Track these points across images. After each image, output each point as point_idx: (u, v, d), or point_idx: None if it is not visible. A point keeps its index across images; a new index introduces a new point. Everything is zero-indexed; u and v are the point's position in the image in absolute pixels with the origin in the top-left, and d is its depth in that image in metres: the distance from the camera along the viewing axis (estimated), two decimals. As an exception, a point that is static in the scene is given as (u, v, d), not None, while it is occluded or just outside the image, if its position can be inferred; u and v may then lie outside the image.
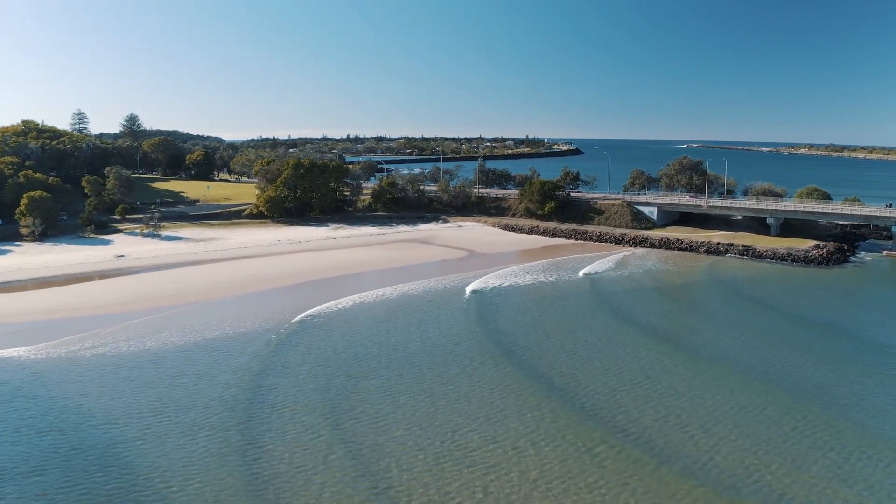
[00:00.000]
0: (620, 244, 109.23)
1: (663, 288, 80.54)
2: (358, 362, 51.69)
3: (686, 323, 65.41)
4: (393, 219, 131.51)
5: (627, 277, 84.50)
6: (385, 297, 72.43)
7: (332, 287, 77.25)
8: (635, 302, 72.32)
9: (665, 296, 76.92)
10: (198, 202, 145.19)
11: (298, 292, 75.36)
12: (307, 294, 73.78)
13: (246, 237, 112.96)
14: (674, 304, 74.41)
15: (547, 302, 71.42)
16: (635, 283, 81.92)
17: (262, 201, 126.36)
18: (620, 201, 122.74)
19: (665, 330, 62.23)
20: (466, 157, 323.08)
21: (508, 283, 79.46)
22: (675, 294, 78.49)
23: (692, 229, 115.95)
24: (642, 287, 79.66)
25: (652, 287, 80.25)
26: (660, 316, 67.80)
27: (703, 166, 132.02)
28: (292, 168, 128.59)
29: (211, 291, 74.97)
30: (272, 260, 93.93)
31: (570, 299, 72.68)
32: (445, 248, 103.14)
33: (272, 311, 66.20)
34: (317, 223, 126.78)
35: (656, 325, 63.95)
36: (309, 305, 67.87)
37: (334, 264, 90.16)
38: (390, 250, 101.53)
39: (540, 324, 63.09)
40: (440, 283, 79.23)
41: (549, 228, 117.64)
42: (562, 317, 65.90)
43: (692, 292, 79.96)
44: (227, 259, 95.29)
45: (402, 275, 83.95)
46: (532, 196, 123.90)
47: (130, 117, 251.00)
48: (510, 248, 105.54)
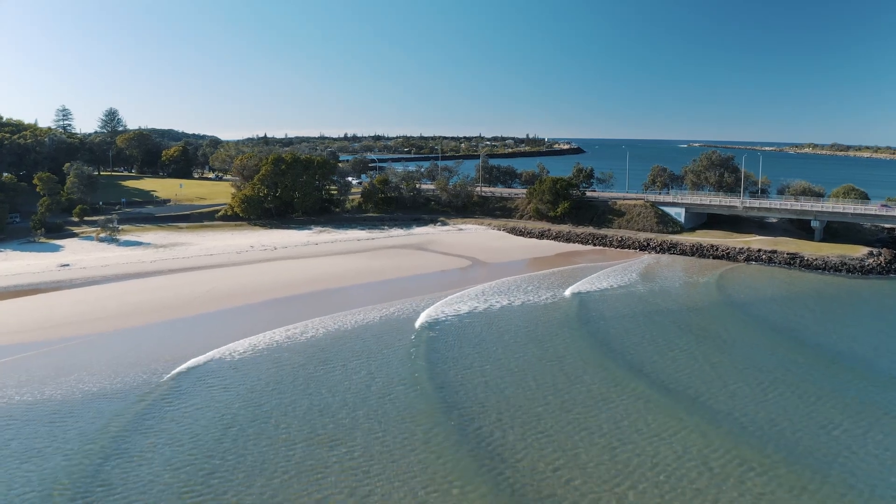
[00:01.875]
0: (646, 251, 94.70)
1: (719, 314, 65.36)
2: (254, 443, 35.57)
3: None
4: (385, 221, 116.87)
5: (679, 295, 69.98)
6: (363, 322, 57.85)
7: (292, 309, 62.60)
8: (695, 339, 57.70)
9: (726, 327, 60.60)
10: (168, 202, 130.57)
11: (244, 317, 60.43)
12: (253, 319, 59.07)
13: (215, 242, 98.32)
14: (745, 342, 56.63)
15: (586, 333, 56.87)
16: (686, 303, 67.38)
17: (237, 201, 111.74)
18: (643, 202, 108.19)
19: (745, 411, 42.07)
20: (466, 155, 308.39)
21: (520, 301, 64.97)
22: (742, 326, 60.55)
23: (725, 233, 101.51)
24: (700, 308, 65.12)
25: (708, 311, 65.47)
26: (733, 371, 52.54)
27: (734, 162, 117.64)
28: (272, 164, 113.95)
29: (138, 314, 60.24)
30: (237, 271, 79.26)
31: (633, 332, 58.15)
32: (444, 256, 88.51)
33: (182, 348, 50.97)
34: (299, 226, 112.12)
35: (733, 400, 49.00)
36: (239, 335, 53.80)
37: (308, 277, 75.41)
38: (380, 258, 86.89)
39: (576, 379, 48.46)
40: (436, 302, 64.57)
41: (563, 232, 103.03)
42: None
43: (757, 324, 60.10)
44: (186, 270, 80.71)
45: (391, 290, 69.26)
46: (543, 195, 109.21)
47: (109, 112, 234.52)
48: (519, 255, 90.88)
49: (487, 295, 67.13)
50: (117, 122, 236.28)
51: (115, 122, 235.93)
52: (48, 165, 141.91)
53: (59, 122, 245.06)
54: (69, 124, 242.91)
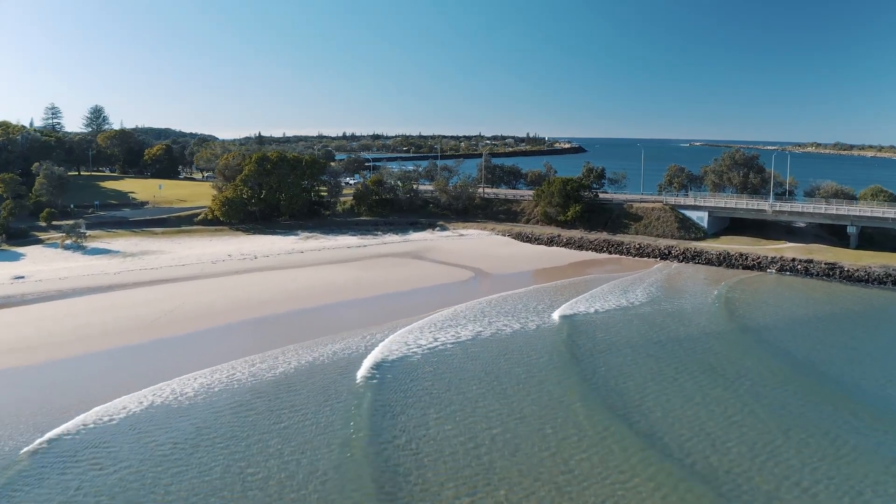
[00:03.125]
0: (667, 259, 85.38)
1: (751, 347, 55.91)
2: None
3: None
4: (379, 225, 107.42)
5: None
6: (334, 355, 48.28)
7: (260, 334, 53.19)
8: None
9: (759, 371, 50.55)
10: (146, 205, 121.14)
11: (200, 346, 51.03)
12: (209, 349, 49.56)
13: (190, 250, 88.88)
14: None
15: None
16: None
17: (217, 204, 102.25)
18: (661, 204, 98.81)
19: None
20: (466, 154, 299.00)
21: (534, 324, 55.47)
22: (778, 367, 50.18)
23: (753, 240, 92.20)
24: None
25: (738, 343, 56.00)
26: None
27: (758, 161, 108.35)
28: (255, 163, 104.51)
29: (80, 341, 50.56)
30: (209, 285, 69.83)
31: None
32: (443, 267, 79.12)
33: (100, 390, 41.26)
34: (284, 231, 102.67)
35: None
36: (184, 368, 44.48)
37: (288, 292, 65.90)
38: (371, 269, 77.49)
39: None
40: (426, 326, 55.11)
41: (574, 238, 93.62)
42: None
43: (800, 367, 47.24)
44: (153, 283, 71.34)
45: (379, 310, 59.66)
46: (552, 198, 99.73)
47: (95, 110, 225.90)
48: (527, 265, 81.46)
49: (491, 316, 57.67)
50: (103, 119, 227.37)
51: (100, 119, 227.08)
52: (21, 165, 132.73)
53: (48, 120, 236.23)
54: (59, 122, 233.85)
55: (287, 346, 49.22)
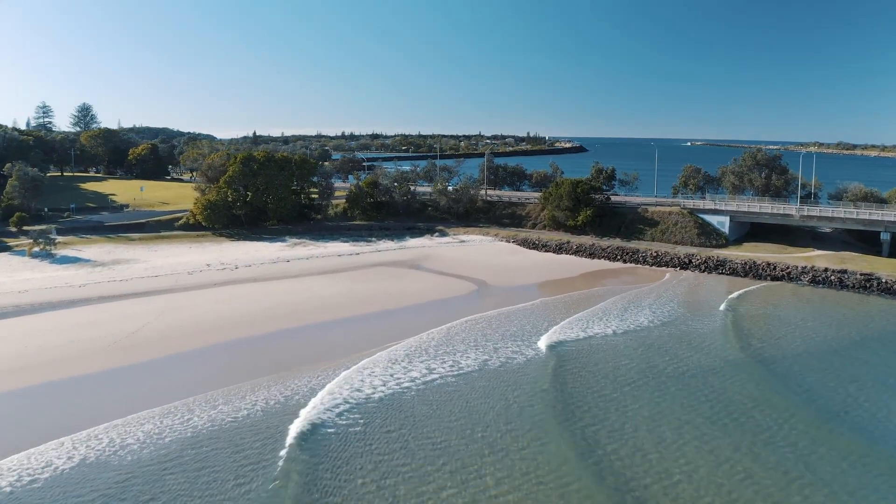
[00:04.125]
0: (687, 269, 78.07)
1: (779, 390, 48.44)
2: None
3: None
4: (374, 230, 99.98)
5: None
6: (296, 398, 40.93)
7: (225, 365, 45.97)
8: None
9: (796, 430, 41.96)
10: (126, 208, 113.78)
11: (150, 379, 43.84)
12: (158, 384, 42.34)
13: (166, 258, 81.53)
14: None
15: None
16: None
17: (199, 207, 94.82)
18: (679, 208, 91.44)
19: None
20: (467, 154, 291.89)
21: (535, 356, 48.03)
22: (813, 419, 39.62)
23: (779, 247, 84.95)
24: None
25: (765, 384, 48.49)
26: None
27: (781, 161, 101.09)
28: (240, 163, 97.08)
29: (14, 373, 43.34)
30: (182, 300, 62.42)
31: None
32: (443, 278, 71.79)
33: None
34: (271, 237, 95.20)
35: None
36: (114, 413, 37.04)
37: (267, 310, 58.37)
38: (363, 281, 70.14)
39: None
40: (417, 353, 47.74)
41: (585, 245, 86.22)
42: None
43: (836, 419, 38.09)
44: (121, 297, 64.06)
45: (368, 333, 52.25)
46: (560, 201, 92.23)
47: (83, 108, 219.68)
48: (536, 275, 74.01)
49: (496, 341, 50.31)
50: (91, 118, 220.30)
51: (88, 118, 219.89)
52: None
53: (39, 119, 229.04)
54: (50, 122, 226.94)
55: (258, 380, 41.95)
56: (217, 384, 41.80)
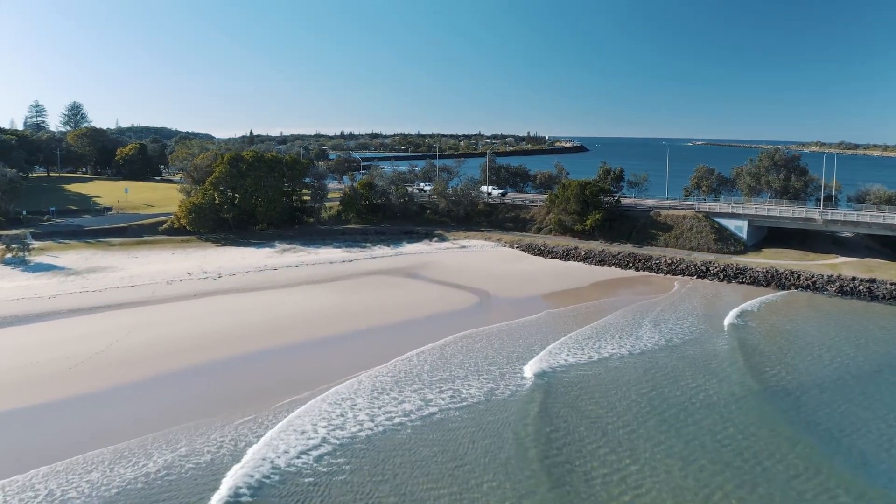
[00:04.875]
0: (704, 277, 72.63)
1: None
2: None
3: None
4: (369, 235, 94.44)
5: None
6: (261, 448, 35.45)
7: (188, 395, 40.55)
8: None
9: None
10: (110, 210, 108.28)
11: (99, 413, 38.44)
12: (105, 421, 36.88)
13: (146, 266, 76.06)
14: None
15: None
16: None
17: (184, 211, 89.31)
18: (693, 212, 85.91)
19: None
20: (467, 153, 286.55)
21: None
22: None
23: (800, 253, 79.55)
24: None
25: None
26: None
27: (800, 162, 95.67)
28: (227, 163, 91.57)
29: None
30: (156, 314, 56.91)
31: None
32: (442, 288, 66.32)
33: None
34: (260, 242, 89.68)
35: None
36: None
37: (246, 325, 52.82)
38: (355, 291, 64.67)
39: None
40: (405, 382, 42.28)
41: (594, 252, 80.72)
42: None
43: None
44: (92, 310, 58.69)
45: (355, 356, 46.72)
46: (567, 204, 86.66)
47: (73, 106, 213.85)
48: (543, 285, 68.41)
49: (500, 364, 44.79)
50: (81, 117, 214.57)
51: (78, 117, 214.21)
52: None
53: (32, 118, 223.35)
54: (43, 121, 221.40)
55: (227, 414, 36.44)
56: (183, 417, 36.42)
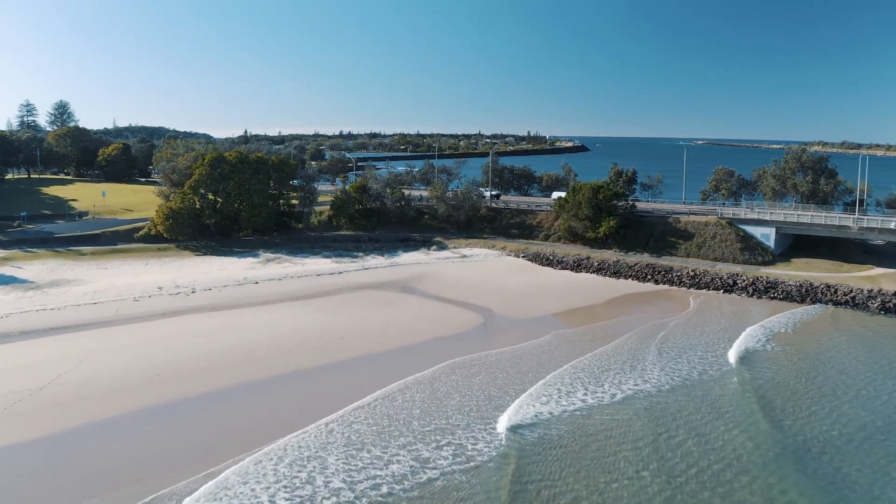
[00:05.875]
0: (732, 291, 65.50)
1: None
2: None
3: None
4: (362, 243, 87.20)
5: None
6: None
7: (134, 449, 33.45)
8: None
9: None
10: (85, 215, 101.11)
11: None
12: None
13: (116, 278, 68.91)
14: None
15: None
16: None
17: (161, 216, 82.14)
18: (716, 218, 78.75)
19: None
20: (467, 153, 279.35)
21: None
22: None
23: (832, 263, 72.41)
24: None
25: None
26: None
27: (827, 164, 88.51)
28: (208, 165, 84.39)
29: None
30: (116, 338, 49.76)
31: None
32: (441, 306, 59.16)
33: None
34: (243, 251, 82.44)
35: None
36: None
37: (214, 354, 45.53)
38: (343, 310, 57.46)
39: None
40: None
41: (608, 262, 73.54)
42: None
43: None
44: (45, 332, 51.88)
45: (329, 396, 39.54)
46: (578, 209, 79.46)
47: (59, 105, 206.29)
48: (554, 302, 61.17)
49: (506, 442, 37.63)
50: (68, 116, 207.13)
51: (65, 116, 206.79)
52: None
53: (22, 117, 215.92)
54: (34, 120, 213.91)
55: (164, 489, 29.36)
56: (115, 483, 29.35)
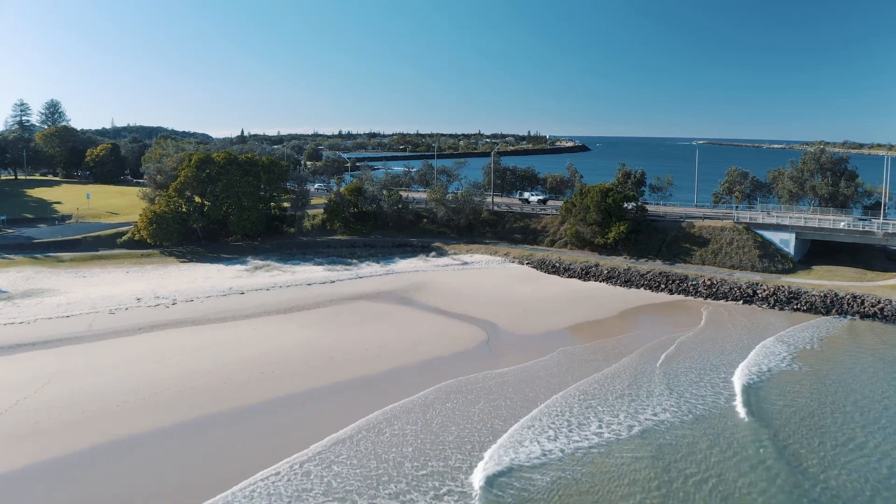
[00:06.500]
0: (752, 302, 61.11)
1: None
2: None
3: None
4: (357, 248, 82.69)
5: None
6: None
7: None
8: None
9: None
10: (69, 219, 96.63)
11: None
12: None
13: (94, 288, 64.44)
14: None
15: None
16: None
17: (145, 221, 77.70)
18: (732, 223, 74.33)
19: None
20: (467, 153, 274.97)
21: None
22: None
23: (857, 271, 68.12)
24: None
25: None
26: None
27: (847, 165, 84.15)
28: (194, 166, 79.94)
29: None
30: (85, 358, 45.33)
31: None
32: (440, 319, 54.73)
33: None
34: (231, 257, 77.99)
35: None
36: None
37: (186, 377, 40.95)
38: (334, 325, 53.00)
39: None
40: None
41: (618, 270, 69.10)
42: None
43: None
44: (8, 350, 47.31)
45: (310, 428, 35.16)
46: (586, 213, 74.98)
47: (50, 104, 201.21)
48: (563, 317, 56.56)
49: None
50: (59, 115, 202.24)
51: (56, 115, 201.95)
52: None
53: (15, 117, 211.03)
54: (27, 120, 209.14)
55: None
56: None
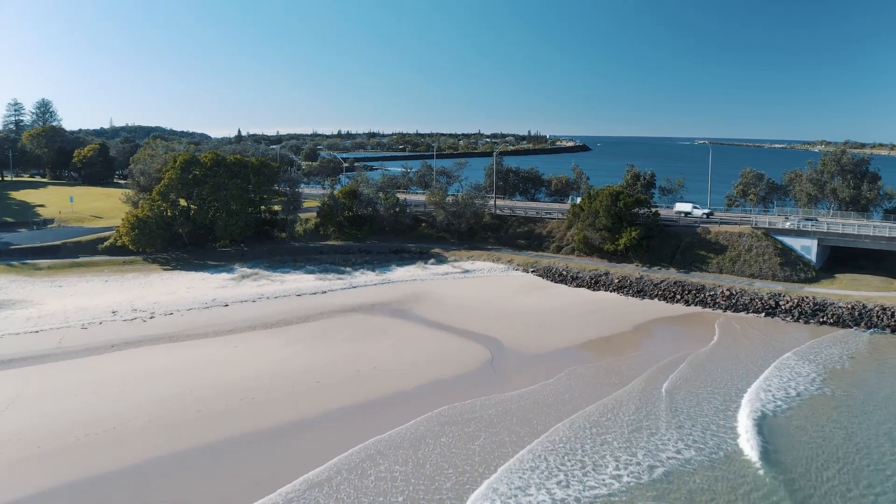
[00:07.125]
0: (774, 315, 56.78)
1: None
2: None
3: None
4: (351, 255, 78.29)
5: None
6: None
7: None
8: None
9: None
10: (51, 223, 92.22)
11: None
12: None
13: (68, 299, 60.03)
14: None
15: None
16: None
17: (127, 226, 73.31)
18: (750, 228, 69.99)
19: None
20: (467, 153, 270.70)
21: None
22: None
23: (882, 280, 63.95)
24: None
25: None
26: None
27: (869, 167, 79.89)
28: (179, 168, 75.52)
29: None
30: (40, 383, 40.95)
31: None
32: (439, 335, 50.35)
33: None
34: (218, 264, 73.52)
35: None
36: None
37: (153, 403, 36.54)
38: (324, 341, 48.65)
39: None
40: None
41: (630, 279, 64.72)
42: None
43: None
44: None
45: (288, 469, 30.89)
46: (595, 218, 70.59)
47: (41, 104, 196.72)
48: (572, 333, 52.27)
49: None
50: (50, 115, 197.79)
51: (47, 115, 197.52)
52: None
53: (10, 117, 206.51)
54: (21, 119, 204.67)
55: None
56: None
